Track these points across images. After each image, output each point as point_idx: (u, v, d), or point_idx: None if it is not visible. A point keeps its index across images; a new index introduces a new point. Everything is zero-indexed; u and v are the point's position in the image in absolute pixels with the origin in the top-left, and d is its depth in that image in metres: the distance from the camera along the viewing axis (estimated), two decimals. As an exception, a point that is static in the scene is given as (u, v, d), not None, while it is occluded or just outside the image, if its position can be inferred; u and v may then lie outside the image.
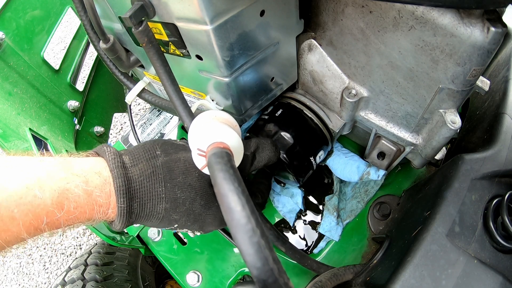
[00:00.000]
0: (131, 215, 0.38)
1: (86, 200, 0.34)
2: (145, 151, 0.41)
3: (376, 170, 0.61)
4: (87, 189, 0.34)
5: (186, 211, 0.42)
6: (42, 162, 0.34)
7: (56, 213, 0.32)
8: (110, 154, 0.38)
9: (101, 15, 0.50)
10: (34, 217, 0.31)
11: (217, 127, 0.38)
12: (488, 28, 0.34)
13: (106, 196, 0.36)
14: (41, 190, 0.31)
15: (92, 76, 0.93)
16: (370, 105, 0.54)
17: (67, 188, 0.33)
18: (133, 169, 0.39)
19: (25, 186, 0.31)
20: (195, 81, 0.52)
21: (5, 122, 0.62)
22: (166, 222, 0.42)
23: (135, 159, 0.40)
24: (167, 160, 0.41)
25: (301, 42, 0.53)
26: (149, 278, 0.83)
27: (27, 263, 1.66)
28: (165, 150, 0.42)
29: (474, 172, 0.45)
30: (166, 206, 0.40)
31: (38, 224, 0.32)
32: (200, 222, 0.44)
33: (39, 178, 0.32)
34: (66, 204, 0.33)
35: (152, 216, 0.40)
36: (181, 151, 0.43)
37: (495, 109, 0.54)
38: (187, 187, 0.42)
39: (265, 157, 0.49)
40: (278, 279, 0.23)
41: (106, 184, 0.36)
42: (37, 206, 0.31)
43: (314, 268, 0.55)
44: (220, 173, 0.28)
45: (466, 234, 0.41)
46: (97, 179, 0.36)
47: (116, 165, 0.37)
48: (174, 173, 0.41)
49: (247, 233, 0.24)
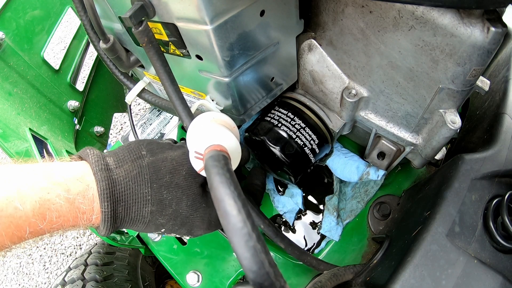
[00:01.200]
0: (116, 220, 0.37)
1: (68, 208, 0.34)
2: (130, 151, 0.40)
3: (376, 170, 0.61)
4: (69, 197, 0.34)
5: (172, 214, 0.41)
6: (23, 171, 0.33)
7: (38, 224, 0.32)
8: (93, 157, 0.37)
9: (101, 15, 0.50)
10: (16, 228, 0.31)
11: (215, 130, 0.38)
12: (488, 28, 0.34)
13: (89, 202, 0.35)
14: (22, 202, 0.31)
15: (92, 76, 0.93)
16: (370, 105, 0.54)
17: (48, 198, 0.32)
18: (118, 171, 0.38)
19: (5, 198, 0.30)
20: (195, 81, 0.52)
21: (5, 122, 0.62)
22: (153, 227, 0.41)
23: (119, 160, 0.39)
24: (153, 160, 0.40)
25: (301, 42, 0.53)
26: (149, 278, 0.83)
27: (27, 263, 1.66)
28: (151, 150, 0.41)
29: (474, 172, 0.45)
30: (152, 209, 0.39)
31: (21, 234, 0.32)
32: (188, 225, 0.44)
33: (19, 189, 0.31)
34: (48, 214, 0.32)
35: (137, 220, 0.39)
36: (168, 150, 0.42)
37: (495, 109, 0.54)
38: (173, 186, 0.41)
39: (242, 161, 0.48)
40: (274, 282, 0.23)
41: (88, 190, 0.35)
42: (18, 218, 0.31)
43: (314, 264, 0.55)
44: (216, 177, 0.28)
45: (466, 234, 0.41)
46: (79, 185, 0.35)
47: (99, 168, 0.36)
48: (160, 173, 0.40)
49: (243, 237, 0.24)
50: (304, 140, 0.57)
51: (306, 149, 0.58)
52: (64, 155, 0.70)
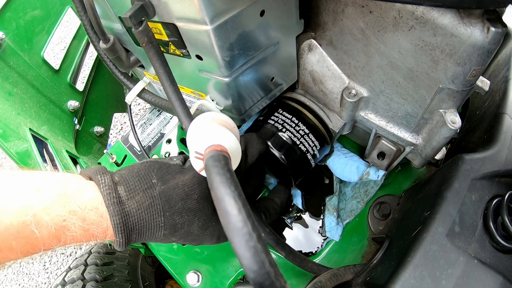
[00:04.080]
0: (129, 243, 0.39)
1: (82, 234, 0.35)
2: (140, 180, 0.40)
3: (376, 170, 0.61)
4: (84, 226, 0.35)
5: (184, 234, 0.43)
6: (39, 193, 0.33)
7: (52, 245, 0.34)
8: (105, 188, 0.37)
9: (101, 15, 0.50)
10: (31, 247, 0.32)
11: (215, 130, 0.38)
12: (488, 28, 0.34)
13: (103, 230, 0.36)
14: (38, 226, 0.32)
15: (92, 76, 0.93)
16: (370, 105, 0.54)
17: (63, 225, 0.33)
18: (130, 203, 0.38)
19: (22, 222, 0.31)
20: (195, 81, 0.52)
21: (5, 122, 0.62)
22: (163, 242, 0.43)
23: (131, 190, 0.39)
24: (164, 189, 0.40)
25: (301, 42, 0.53)
26: (149, 278, 0.83)
27: (27, 263, 1.66)
28: (162, 177, 0.41)
29: (474, 172, 0.45)
30: (165, 232, 0.41)
31: (35, 251, 0.33)
32: (198, 241, 0.45)
33: (36, 214, 0.32)
34: (63, 237, 0.34)
35: (150, 239, 0.41)
36: (178, 175, 0.42)
37: (495, 109, 0.54)
38: (185, 211, 0.41)
39: (255, 151, 0.49)
40: (274, 282, 0.23)
41: (103, 220, 0.36)
42: (34, 239, 0.32)
43: (315, 270, 0.55)
44: (217, 177, 0.28)
45: (466, 234, 0.41)
46: (93, 215, 0.36)
47: (112, 202, 0.37)
48: (172, 201, 0.41)
49: (243, 237, 0.24)
50: (307, 146, 0.57)
51: (308, 155, 0.58)
52: (64, 155, 0.70)
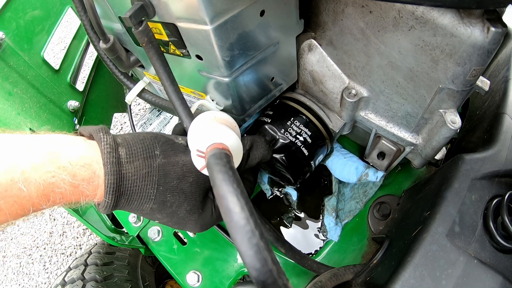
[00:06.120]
0: (116, 207, 0.38)
1: (72, 192, 0.34)
2: (144, 147, 0.40)
3: (375, 171, 0.61)
4: (74, 183, 0.34)
5: (170, 214, 0.42)
6: (27, 150, 0.33)
7: (41, 204, 0.33)
8: (106, 146, 0.36)
9: (101, 15, 0.50)
10: (20, 207, 0.32)
11: (216, 128, 0.38)
12: (488, 28, 0.34)
13: (93, 188, 0.36)
14: (26, 183, 0.31)
15: (92, 76, 0.93)
16: (370, 105, 0.54)
17: (52, 181, 0.33)
18: (128, 166, 0.37)
19: (10, 179, 0.31)
20: (195, 81, 0.52)
21: (5, 122, 0.62)
22: (148, 217, 0.43)
23: (132, 155, 0.38)
24: (164, 162, 0.40)
25: (301, 42, 0.53)
26: (149, 278, 0.83)
27: (27, 263, 1.66)
28: (165, 151, 0.41)
29: (474, 172, 0.45)
30: (153, 206, 0.40)
31: (24, 212, 0.32)
32: (181, 225, 0.45)
33: (24, 170, 0.31)
34: (51, 196, 0.33)
35: (136, 211, 0.41)
36: (180, 154, 0.42)
37: (495, 109, 0.54)
38: (178, 191, 0.41)
39: (258, 155, 0.49)
40: (277, 280, 0.23)
41: (94, 177, 0.35)
42: (22, 198, 0.31)
43: (314, 268, 0.55)
44: (219, 175, 0.28)
45: (466, 234, 0.41)
46: (84, 172, 0.35)
47: (110, 160, 0.36)
48: (169, 177, 0.40)
49: (246, 235, 0.24)
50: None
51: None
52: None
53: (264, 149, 0.50)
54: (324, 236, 0.68)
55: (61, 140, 0.36)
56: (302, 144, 0.57)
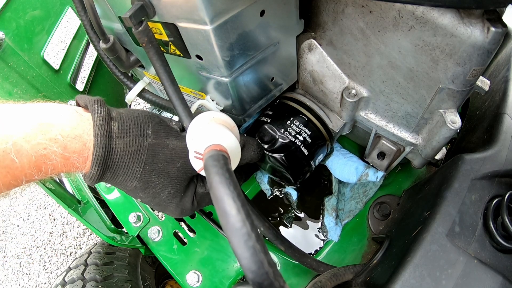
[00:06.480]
0: (102, 179, 0.39)
1: (63, 163, 0.35)
2: (136, 125, 0.40)
3: (375, 171, 0.61)
4: (65, 155, 0.35)
5: (153, 194, 0.43)
6: (19, 121, 0.33)
7: (34, 175, 0.33)
8: (99, 118, 0.36)
9: (101, 15, 0.50)
10: (12, 178, 0.32)
11: (214, 130, 0.38)
12: (488, 28, 0.34)
13: (83, 159, 0.36)
14: (18, 155, 0.32)
15: (92, 76, 0.93)
16: (370, 105, 0.54)
17: (44, 153, 0.33)
18: (118, 141, 0.38)
19: (2, 150, 0.31)
20: (195, 81, 0.52)
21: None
22: (131, 194, 0.43)
23: (124, 130, 0.38)
24: (155, 143, 0.40)
25: (301, 42, 0.53)
26: (149, 278, 0.83)
27: (27, 263, 1.67)
28: (157, 132, 0.41)
29: (474, 172, 0.45)
30: (137, 185, 0.41)
31: (17, 183, 0.33)
32: (162, 207, 0.46)
33: (16, 142, 0.32)
34: (43, 167, 0.34)
35: (120, 186, 0.41)
36: (172, 138, 0.43)
37: (495, 109, 0.54)
38: (164, 174, 0.42)
39: (248, 156, 0.49)
40: (273, 282, 0.23)
41: (85, 149, 0.36)
42: (15, 169, 0.32)
43: (314, 266, 0.55)
44: (216, 177, 0.28)
45: (466, 234, 0.41)
46: (75, 144, 0.35)
47: (101, 133, 0.36)
48: (156, 158, 0.41)
49: (242, 237, 0.24)
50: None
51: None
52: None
53: (255, 152, 0.50)
54: (324, 236, 0.68)
55: (53, 110, 0.36)
56: (301, 143, 0.57)
